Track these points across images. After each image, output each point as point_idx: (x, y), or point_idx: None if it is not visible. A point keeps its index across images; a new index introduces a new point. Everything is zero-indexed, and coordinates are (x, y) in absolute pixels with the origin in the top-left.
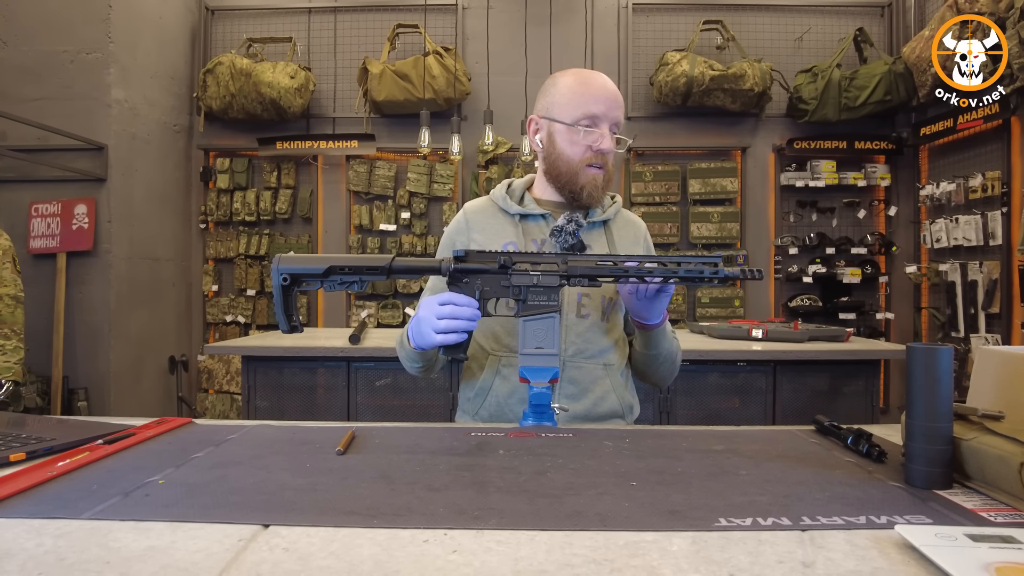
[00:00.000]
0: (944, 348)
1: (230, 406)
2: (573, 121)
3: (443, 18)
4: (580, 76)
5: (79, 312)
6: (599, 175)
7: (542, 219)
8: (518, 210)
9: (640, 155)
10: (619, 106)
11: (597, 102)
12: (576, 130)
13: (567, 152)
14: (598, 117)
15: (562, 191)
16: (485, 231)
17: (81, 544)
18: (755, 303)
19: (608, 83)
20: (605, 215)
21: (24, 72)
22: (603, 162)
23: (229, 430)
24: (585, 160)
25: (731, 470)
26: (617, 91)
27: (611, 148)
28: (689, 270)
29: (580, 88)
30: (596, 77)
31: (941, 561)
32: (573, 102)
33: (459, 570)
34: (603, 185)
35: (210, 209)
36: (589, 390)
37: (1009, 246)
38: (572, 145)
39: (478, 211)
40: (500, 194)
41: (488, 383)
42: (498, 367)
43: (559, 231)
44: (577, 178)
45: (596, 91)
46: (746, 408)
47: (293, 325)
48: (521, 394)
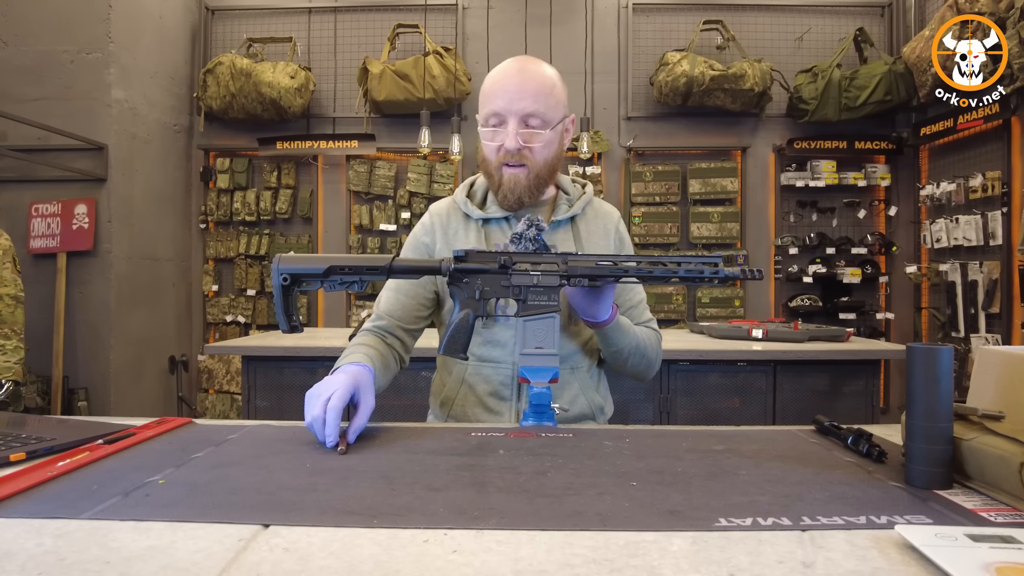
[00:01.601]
0: (944, 348)
1: (230, 406)
2: (483, 121)
3: (443, 18)
4: (494, 71)
5: (79, 312)
6: (519, 173)
7: (505, 222)
8: (479, 214)
9: (640, 155)
10: (527, 96)
11: (497, 98)
12: (486, 131)
13: (484, 153)
14: (501, 114)
15: (491, 189)
16: (447, 233)
17: (81, 544)
18: (755, 303)
19: (516, 72)
20: (571, 211)
21: (24, 72)
22: (521, 159)
23: (229, 430)
24: (499, 160)
25: (731, 470)
26: (531, 78)
27: (517, 147)
28: (689, 270)
29: (488, 85)
30: (504, 69)
31: (941, 561)
32: (483, 99)
33: (459, 570)
34: (528, 184)
35: (210, 209)
36: (557, 395)
37: (1009, 246)
38: (485, 146)
39: (443, 213)
40: (461, 197)
41: (454, 392)
42: (463, 375)
43: (519, 237)
44: (495, 178)
45: (497, 85)
46: (746, 408)
47: (293, 325)
48: (487, 404)
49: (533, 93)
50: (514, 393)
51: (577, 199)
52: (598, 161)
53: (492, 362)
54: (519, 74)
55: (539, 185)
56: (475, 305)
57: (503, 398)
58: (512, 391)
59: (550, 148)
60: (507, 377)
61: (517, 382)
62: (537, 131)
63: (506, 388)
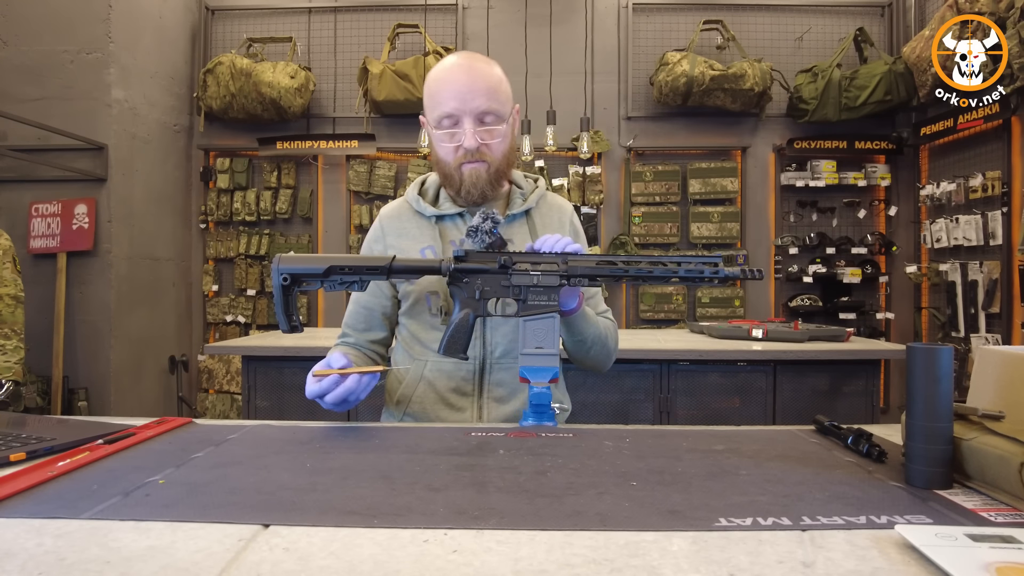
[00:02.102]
0: (944, 348)
1: (230, 406)
2: (435, 123)
3: (443, 18)
4: (439, 72)
5: (79, 312)
6: (479, 169)
7: (459, 218)
8: (433, 212)
9: (640, 155)
10: (480, 94)
11: (450, 98)
12: (441, 133)
13: (439, 154)
14: (455, 115)
15: (449, 189)
16: (402, 236)
17: (81, 544)
18: (755, 303)
19: (464, 71)
20: (526, 204)
21: (24, 72)
22: (481, 156)
23: (229, 430)
24: (458, 159)
25: (731, 470)
26: (481, 77)
27: (476, 145)
28: (689, 270)
29: (435, 86)
30: (454, 69)
31: (941, 561)
32: (431, 102)
33: (459, 570)
34: (489, 179)
35: (210, 209)
36: (519, 390)
37: (1009, 246)
38: (440, 147)
39: (394, 216)
40: (413, 195)
41: (411, 390)
42: (423, 372)
43: (475, 231)
44: (454, 178)
45: (447, 86)
46: (746, 408)
47: (293, 325)
48: (449, 401)
49: (485, 91)
50: (476, 388)
51: (530, 192)
52: (598, 161)
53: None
54: (468, 73)
55: (499, 178)
56: (475, 305)
57: (465, 394)
58: (474, 387)
59: (506, 142)
60: (469, 373)
61: (479, 378)
62: (493, 127)
63: (468, 384)
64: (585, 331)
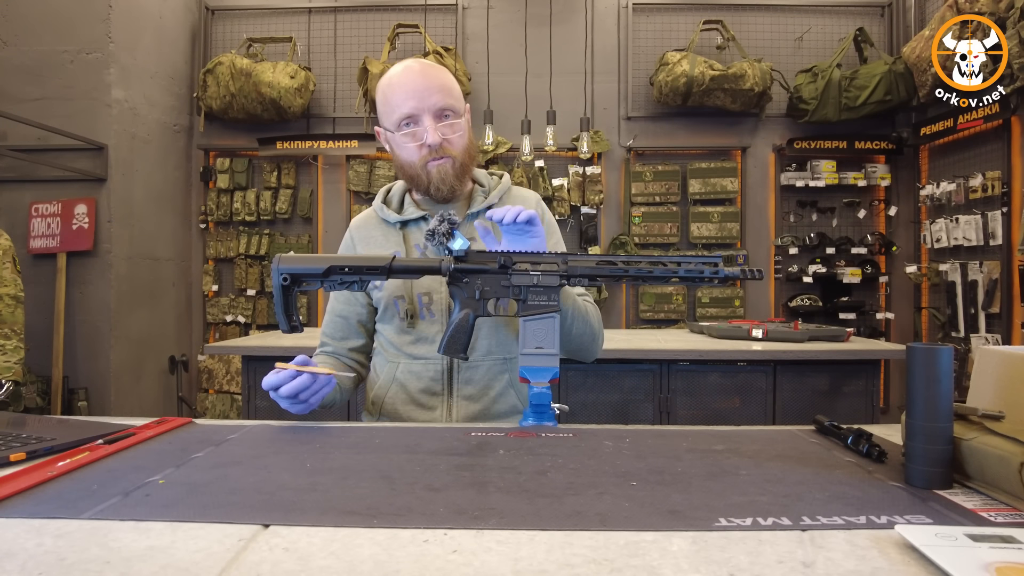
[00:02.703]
0: (944, 348)
1: (230, 406)
2: (395, 127)
3: (443, 18)
4: (390, 77)
5: (79, 312)
6: (444, 165)
7: (423, 221)
8: (396, 218)
9: (640, 155)
10: (436, 90)
11: (407, 99)
12: (402, 135)
13: (403, 156)
14: (414, 114)
15: (417, 191)
16: (369, 244)
17: (81, 544)
18: (755, 303)
19: (416, 73)
20: (487, 201)
21: (24, 72)
22: (444, 152)
23: (229, 430)
24: (423, 159)
25: (731, 470)
26: (434, 76)
27: (439, 140)
28: (689, 270)
29: (390, 90)
30: (405, 72)
31: (941, 561)
32: (388, 108)
33: (459, 570)
34: (455, 173)
35: (210, 209)
36: (489, 387)
37: (1009, 246)
38: (403, 149)
39: (361, 226)
40: (378, 203)
41: (384, 391)
42: (395, 373)
43: (431, 234)
44: (421, 178)
45: (402, 88)
46: (746, 408)
47: (293, 325)
48: (419, 401)
49: (439, 88)
50: (446, 388)
51: (493, 189)
52: (598, 161)
53: (423, 359)
54: (420, 74)
55: (463, 173)
56: (475, 305)
57: (435, 393)
58: (443, 386)
59: (465, 136)
60: (437, 373)
61: (447, 378)
62: (453, 121)
63: (437, 384)
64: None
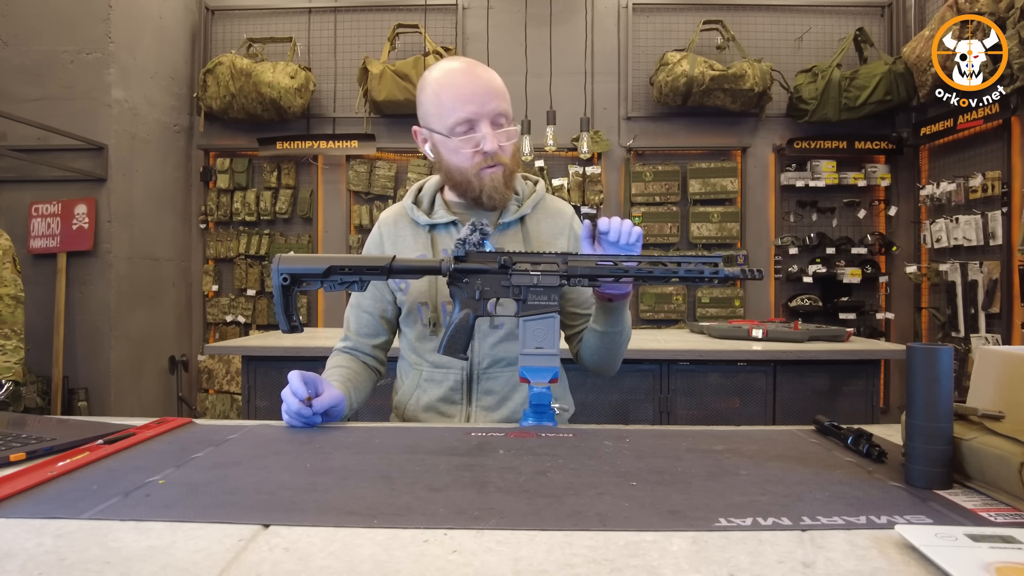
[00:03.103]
0: (944, 348)
1: (230, 406)
2: (448, 130)
3: (443, 18)
4: (444, 77)
5: (79, 312)
6: (497, 173)
7: (452, 227)
8: (426, 220)
9: (640, 155)
10: (495, 95)
11: (468, 102)
12: (457, 140)
13: (455, 162)
14: (473, 118)
15: (464, 197)
16: (398, 244)
17: (81, 544)
18: (755, 303)
19: (477, 73)
20: (520, 212)
21: (24, 72)
22: (497, 160)
23: (229, 430)
24: (476, 165)
25: (731, 470)
26: (492, 79)
27: (496, 147)
28: (689, 270)
29: (446, 91)
30: (461, 73)
31: (941, 561)
32: (442, 110)
33: (459, 570)
34: (505, 180)
35: (210, 209)
36: (508, 399)
37: (1009, 246)
38: (456, 154)
39: (391, 223)
40: (409, 203)
41: (407, 397)
42: (419, 380)
43: (463, 243)
44: (473, 185)
45: (464, 89)
46: (746, 408)
47: (293, 325)
48: (438, 408)
49: (498, 93)
50: (464, 397)
51: (527, 198)
52: (598, 161)
53: (443, 367)
54: (479, 77)
55: (512, 179)
56: (475, 305)
57: (454, 402)
58: (463, 395)
59: (515, 143)
60: (457, 383)
61: (467, 387)
62: (508, 129)
63: (456, 393)
64: (624, 320)
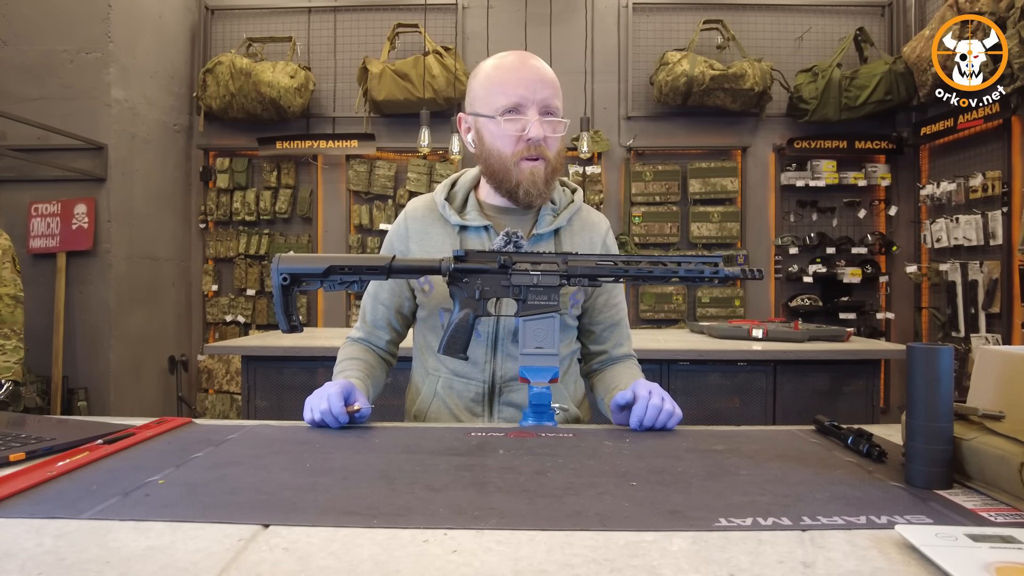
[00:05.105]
0: (944, 348)
1: (230, 406)
2: (495, 112)
3: (443, 18)
4: (500, 61)
5: (79, 312)
6: (538, 167)
7: (484, 231)
8: (457, 221)
9: (640, 155)
10: (548, 85)
11: (518, 85)
12: (500, 121)
13: (496, 147)
14: (522, 103)
15: (499, 190)
16: (422, 242)
17: (81, 544)
18: (755, 303)
19: (532, 63)
20: (556, 223)
21: (24, 72)
22: (540, 153)
23: (229, 430)
24: (518, 153)
25: (731, 470)
26: (546, 70)
27: (542, 135)
28: (689, 270)
29: (498, 74)
30: (517, 59)
31: (941, 561)
32: (493, 91)
33: (459, 570)
34: (545, 178)
35: (210, 209)
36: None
37: (1009, 246)
38: (499, 139)
39: (418, 217)
40: (441, 199)
41: (427, 405)
42: (436, 388)
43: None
44: (511, 175)
45: (516, 74)
46: (746, 408)
47: (293, 325)
48: (460, 418)
49: (551, 83)
50: (486, 410)
51: (563, 208)
52: (598, 161)
53: (464, 377)
54: (533, 66)
55: (553, 179)
56: (475, 305)
57: (476, 415)
58: (484, 407)
59: (561, 141)
60: (478, 394)
61: (488, 400)
62: (558, 121)
63: (478, 405)
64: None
